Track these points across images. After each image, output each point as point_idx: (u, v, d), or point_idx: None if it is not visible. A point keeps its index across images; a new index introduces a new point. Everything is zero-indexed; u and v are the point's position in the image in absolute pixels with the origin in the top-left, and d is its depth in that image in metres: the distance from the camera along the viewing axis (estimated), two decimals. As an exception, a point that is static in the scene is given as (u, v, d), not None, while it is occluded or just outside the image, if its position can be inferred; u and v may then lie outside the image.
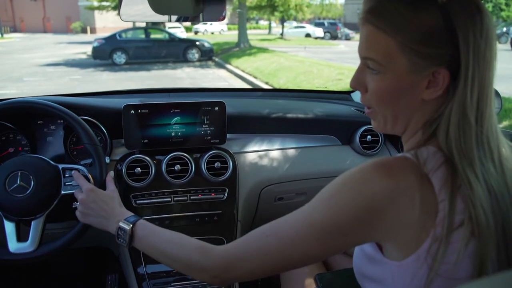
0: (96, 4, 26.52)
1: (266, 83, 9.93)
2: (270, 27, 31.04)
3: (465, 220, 0.68)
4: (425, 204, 0.68)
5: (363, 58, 0.77)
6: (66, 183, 1.22)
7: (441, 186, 0.68)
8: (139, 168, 1.39)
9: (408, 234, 0.69)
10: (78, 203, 1.12)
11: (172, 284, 1.29)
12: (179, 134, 1.45)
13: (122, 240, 0.99)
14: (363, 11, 0.76)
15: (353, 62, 12.64)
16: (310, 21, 34.05)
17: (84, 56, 16.32)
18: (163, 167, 1.41)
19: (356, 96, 1.99)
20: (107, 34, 15.61)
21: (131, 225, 0.98)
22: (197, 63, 14.23)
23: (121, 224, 1.00)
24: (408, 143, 0.81)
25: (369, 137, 1.65)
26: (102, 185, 1.22)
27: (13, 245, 1.16)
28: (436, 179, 0.69)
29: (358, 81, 0.79)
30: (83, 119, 1.29)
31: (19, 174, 1.18)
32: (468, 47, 0.69)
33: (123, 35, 14.57)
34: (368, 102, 0.79)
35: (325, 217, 0.73)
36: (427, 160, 0.70)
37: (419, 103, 0.75)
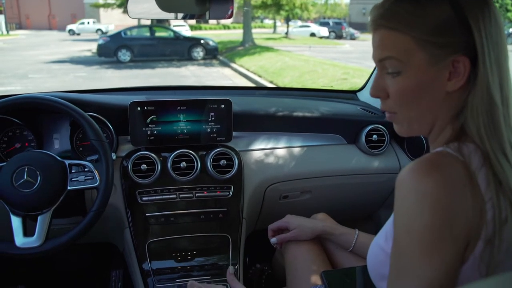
0: (101, 1, 26.55)
1: (271, 82, 9.93)
2: (275, 26, 30.98)
3: (508, 215, 0.68)
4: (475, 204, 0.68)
5: (380, 60, 0.77)
6: (73, 179, 1.23)
7: (486, 186, 0.69)
8: (145, 165, 1.39)
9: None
10: None
11: (177, 280, 1.30)
12: (185, 131, 1.45)
13: None
14: (374, 18, 0.76)
15: (358, 62, 12.64)
16: (315, 21, 34.00)
17: (89, 54, 16.33)
18: (169, 164, 1.41)
19: (362, 95, 1.99)
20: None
21: None
22: (202, 62, 14.23)
23: None
24: (436, 142, 0.80)
25: (374, 136, 1.65)
26: (108, 181, 1.22)
27: (20, 239, 1.17)
28: (481, 178, 0.69)
29: (378, 88, 0.79)
30: (89, 115, 1.30)
31: (26, 169, 1.19)
32: (481, 33, 0.70)
33: (128, 32, 14.58)
34: (391, 107, 0.79)
35: (428, 266, 0.67)
36: (471, 157, 0.70)
37: (443, 97, 0.75)
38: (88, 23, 28.69)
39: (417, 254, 0.68)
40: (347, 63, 12.24)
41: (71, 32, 27.81)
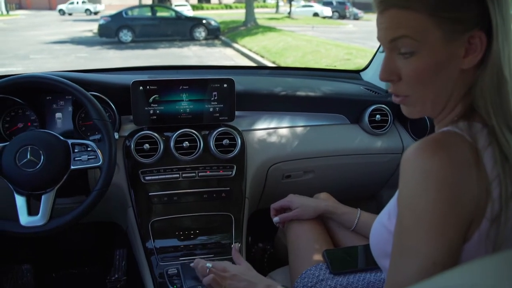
0: (102, -20, 26.28)
1: (273, 62, 9.86)
2: (277, 6, 30.58)
3: None
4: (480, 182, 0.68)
5: (392, 40, 0.73)
6: (76, 158, 1.23)
7: (492, 164, 0.68)
8: (147, 145, 1.39)
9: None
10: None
11: (180, 258, 1.31)
12: (188, 110, 1.45)
13: None
14: None
15: (362, 42, 12.53)
16: (318, 0, 33.58)
17: (90, 34, 16.22)
18: (172, 144, 1.41)
19: (366, 75, 1.97)
20: (112, 11, 15.47)
21: None
22: (204, 42, 14.11)
23: (279, 287, 1.00)
24: (443, 122, 0.78)
25: (378, 116, 1.64)
26: (111, 160, 1.22)
27: (24, 218, 1.18)
28: (487, 157, 0.69)
29: (389, 71, 0.76)
30: (92, 95, 1.29)
31: (29, 149, 1.19)
32: (494, 5, 0.69)
33: (129, 12, 14.45)
34: (403, 90, 0.76)
35: (432, 241, 0.68)
36: (477, 136, 0.70)
37: (457, 75, 0.73)
38: (78, 2, 28.39)
39: (421, 232, 0.68)
40: (350, 43, 12.12)
41: (61, 12, 27.55)
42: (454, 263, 0.68)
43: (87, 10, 27.71)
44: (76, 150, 1.24)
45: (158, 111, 1.43)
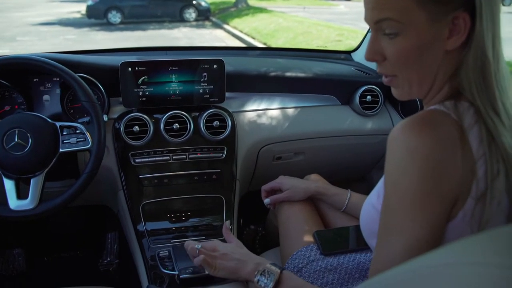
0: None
1: (264, 43, 9.78)
2: (268, -14, 30.28)
3: (500, 168, 0.68)
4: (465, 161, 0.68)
5: (377, 22, 0.73)
6: (64, 141, 1.22)
7: (478, 143, 0.69)
8: (137, 127, 1.38)
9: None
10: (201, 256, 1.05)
11: (171, 240, 1.31)
12: (177, 92, 1.43)
13: (264, 282, 0.96)
14: None
15: (353, 24, 12.43)
16: (309, -20, 33.19)
17: (78, 15, 15.90)
18: (162, 126, 1.40)
19: (357, 56, 1.96)
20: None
21: (279, 271, 0.96)
22: (194, 23, 13.91)
23: (269, 265, 0.98)
24: (431, 102, 0.79)
25: (368, 97, 1.64)
26: (100, 143, 1.21)
27: (13, 202, 1.16)
28: (472, 136, 0.69)
29: (374, 51, 0.76)
30: (80, 76, 1.27)
31: (17, 131, 1.17)
32: None
33: (118, -8, 14.18)
34: (389, 69, 0.77)
35: (418, 220, 0.68)
36: (464, 115, 0.70)
37: (442, 56, 0.73)
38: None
39: (404, 210, 0.69)
40: (342, 25, 12.03)
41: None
42: (438, 241, 0.69)
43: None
44: (64, 133, 1.23)
45: (147, 93, 1.41)
